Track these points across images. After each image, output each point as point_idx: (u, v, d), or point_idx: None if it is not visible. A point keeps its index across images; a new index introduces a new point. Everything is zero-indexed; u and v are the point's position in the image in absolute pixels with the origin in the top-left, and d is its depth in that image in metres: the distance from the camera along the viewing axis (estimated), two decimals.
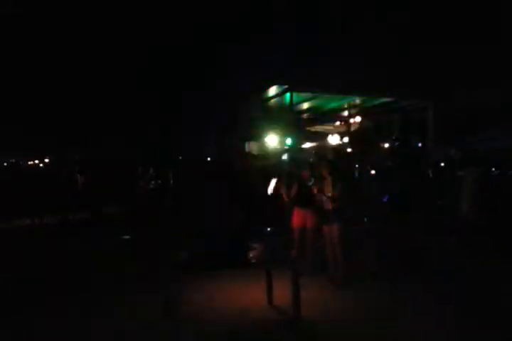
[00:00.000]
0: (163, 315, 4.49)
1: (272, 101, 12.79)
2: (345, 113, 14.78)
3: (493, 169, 7.08)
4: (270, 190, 5.86)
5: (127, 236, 9.13)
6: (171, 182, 13.56)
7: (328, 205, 5.92)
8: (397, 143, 13.11)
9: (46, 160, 25.12)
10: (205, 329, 4.46)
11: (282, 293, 4.85)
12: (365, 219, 7.70)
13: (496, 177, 6.97)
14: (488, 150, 9.49)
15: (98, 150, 22.88)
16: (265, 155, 11.26)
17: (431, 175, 8.20)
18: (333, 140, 14.34)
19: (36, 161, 25.41)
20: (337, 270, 5.92)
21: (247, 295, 5.41)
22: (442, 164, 8.35)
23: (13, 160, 22.98)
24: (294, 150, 11.18)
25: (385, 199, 7.31)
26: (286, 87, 11.16)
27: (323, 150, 14.02)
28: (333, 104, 13.75)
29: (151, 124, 22.66)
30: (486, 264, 6.32)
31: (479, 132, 11.05)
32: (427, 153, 10.47)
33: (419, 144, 11.68)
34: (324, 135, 16.46)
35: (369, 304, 5.21)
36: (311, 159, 11.26)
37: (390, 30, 15.93)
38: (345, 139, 14.21)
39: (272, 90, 11.72)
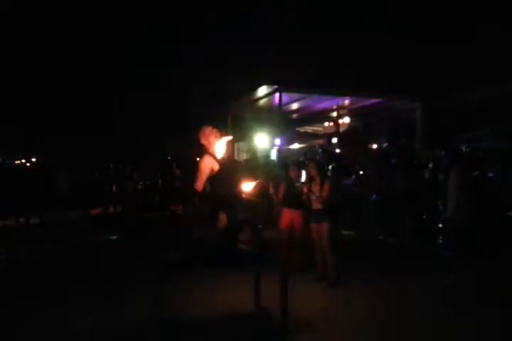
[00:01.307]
0: (152, 315, 4.45)
1: (262, 101, 12.81)
2: (334, 113, 14.83)
3: (476, 170, 7.10)
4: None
5: (114, 237, 9.07)
6: (160, 181, 13.52)
7: (317, 205, 5.92)
8: (385, 144, 13.17)
9: (33, 160, 24.87)
10: (191, 331, 4.43)
11: (270, 293, 4.83)
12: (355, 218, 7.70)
13: (480, 178, 7.01)
14: (475, 150, 9.57)
15: (87, 149, 22.72)
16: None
17: (426, 175, 8.18)
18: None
19: (23, 160, 25.14)
20: (326, 270, 5.92)
21: (235, 296, 5.38)
22: (430, 164, 8.38)
23: (0, 160, 22.71)
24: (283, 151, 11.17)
25: (373, 198, 7.33)
26: (275, 87, 11.17)
27: (311, 150, 14.07)
28: (322, 105, 13.80)
29: (139, 125, 22.62)
30: (474, 266, 6.36)
31: (467, 132, 11.13)
32: (416, 154, 10.53)
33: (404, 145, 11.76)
34: (313, 136, 16.52)
35: (358, 304, 5.21)
36: (300, 159, 11.31)
37: (381, 31, 16.02)
38: (334, 140, 14.25)
39: (262, 91, 11.72)
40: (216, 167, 4.40)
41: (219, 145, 4.55)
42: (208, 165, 4.39)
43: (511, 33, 12.90)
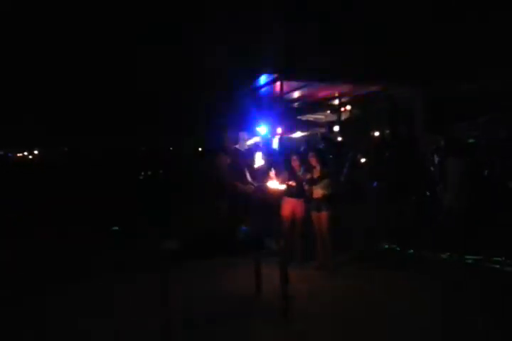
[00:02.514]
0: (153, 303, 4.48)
1: (263, 90, 12.74)
2: (336, 102, 14.74)
3: (475, 158, 7.04)
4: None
5: (116, 228, 9.09)
6: (161, 172, 13.53)
7: (318, 194, 5.94)
8: (387, 132, 13.13)
9: (35, 152, 24.88)
10: (193, 317, 4.48)
11: (271, 281, 4.86)
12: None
13: (479, 167, 6.97)
14: (475, 138, 9.52)
15: (88, 140, 22.69)
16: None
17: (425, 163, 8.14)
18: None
19: (25, 153, 25.16)
20: (326, 257, 5.96)
21: (236, 283, 5.43)
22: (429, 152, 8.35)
23: (2, 153, 22.74)
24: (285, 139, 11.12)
25: (374, 184, 7.31)
26: (276, 75, 11.09)
27: (313, 139, 14.03)
28: (324, 93, 13.72)
29: (143, 115, 22.54)
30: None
31: (467, 121, 11.07)
32: (416, 142, 10.49)
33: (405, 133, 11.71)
34: (315, 124, 16.46)
35: (357, 292, 5.24)
36: (302, 148, 11.28)
37: (381, 18, 15.83)
38: (336, 128, 14.21)
39: (262, 79, 11.65)
40: None
41: None
42: None
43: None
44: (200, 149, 16.18)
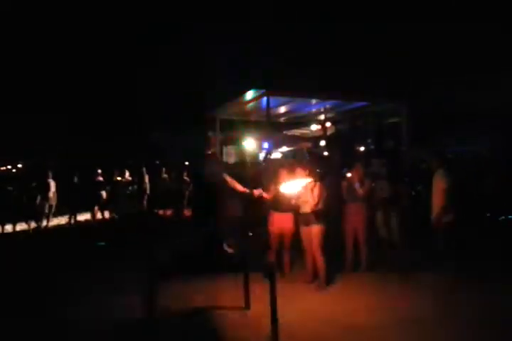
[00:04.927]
0: (139, 318, 4.45)
1: (249, 105, 12.84)
2: (322, 117, 14.92)
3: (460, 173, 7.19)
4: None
5: (102, 243, 9.01)
6: (148, 186, 13.47)
7: (306, 208, 5.95)
8: (372, 147, 13.31)
9: (19, 166, 24.55)
10: (180, 333, 4.45)
11: (260, 296, 4.85)
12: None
13: (463, 181, 7.10)
14: (458, 153, 9.72)
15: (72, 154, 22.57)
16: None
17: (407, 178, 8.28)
18: None
19: (9, 167, 24.80)
20: (316, 273, 5.96)
21: (225, 298, 5.39)
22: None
23: None
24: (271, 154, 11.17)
25: None
26: (263, 91, 11.20)
27: (300, 154, 14.14)
28: (310, 108, 13.88)
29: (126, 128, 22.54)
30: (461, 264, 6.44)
31: (450, 135, 11.30)
32: (402, 157, 10.64)
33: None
34: (301, 139, 16.62)
35: (347, 309, 5.21)
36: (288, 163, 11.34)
37: (366, 34, 16.17)
38: (322, 143, 14.35)
39: (249, 94, 11.75)
40: None
41: None
42: None
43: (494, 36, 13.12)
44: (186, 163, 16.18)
